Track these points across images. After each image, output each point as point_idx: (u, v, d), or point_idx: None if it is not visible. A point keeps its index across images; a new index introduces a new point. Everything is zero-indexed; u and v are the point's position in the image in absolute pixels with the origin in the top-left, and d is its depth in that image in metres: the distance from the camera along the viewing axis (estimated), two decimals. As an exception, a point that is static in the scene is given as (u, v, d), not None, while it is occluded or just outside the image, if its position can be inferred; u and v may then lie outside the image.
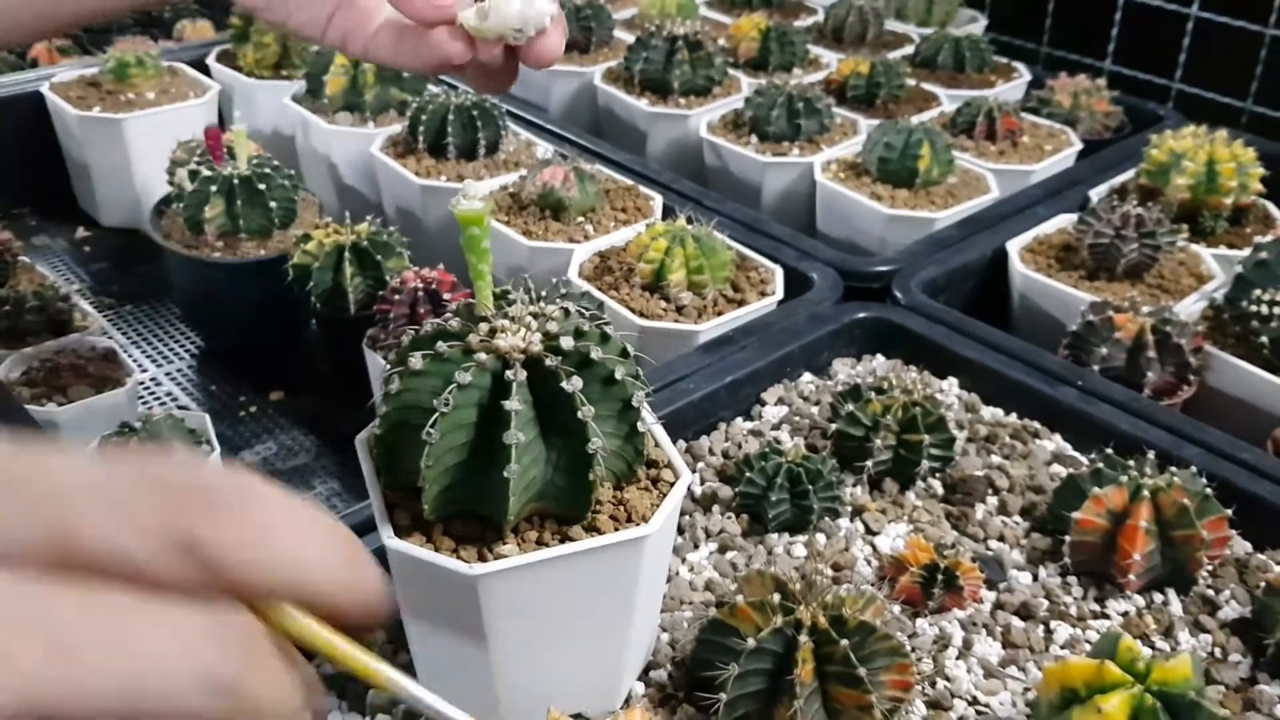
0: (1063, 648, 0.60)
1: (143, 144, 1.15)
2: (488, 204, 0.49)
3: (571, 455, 0.49)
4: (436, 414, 0.47)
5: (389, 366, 0.51)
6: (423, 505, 0.49)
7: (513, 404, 0.47)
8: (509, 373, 0.48)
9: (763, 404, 0.80)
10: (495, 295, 0.51)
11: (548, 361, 0.48)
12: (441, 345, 0.49)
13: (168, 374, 0.99)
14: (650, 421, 0.53)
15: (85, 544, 0.20)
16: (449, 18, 0.48)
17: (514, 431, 0.47)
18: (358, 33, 0.51)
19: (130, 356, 0.89)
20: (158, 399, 0.96)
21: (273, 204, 0.96)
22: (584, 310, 0.52)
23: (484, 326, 0.50)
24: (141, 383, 0.87)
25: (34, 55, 1.38)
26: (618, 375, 0.49)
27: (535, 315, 0.50)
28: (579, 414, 0.48)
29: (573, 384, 0.47)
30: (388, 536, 0.49)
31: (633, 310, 0.85)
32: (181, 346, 1.04)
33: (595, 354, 0.49)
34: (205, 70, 1.27)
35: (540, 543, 0.50)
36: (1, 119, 1.22)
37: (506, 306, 0.51)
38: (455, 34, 0.49)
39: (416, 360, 0.48)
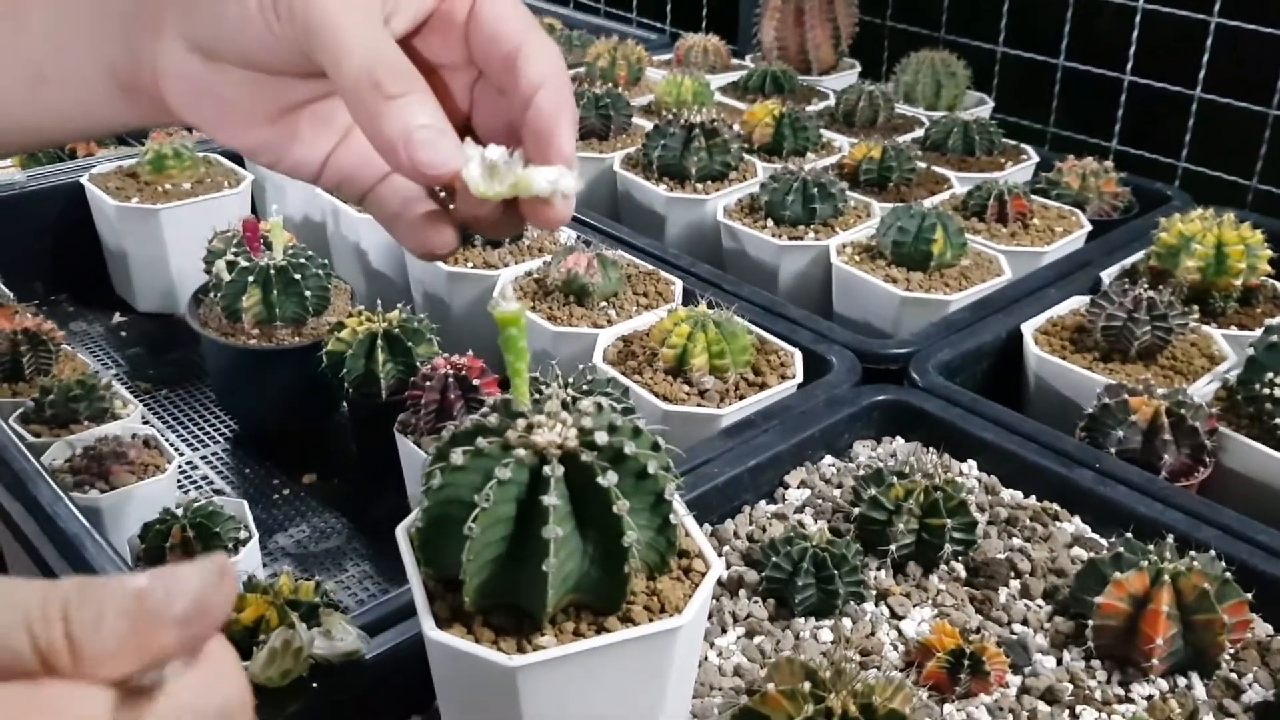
0: (1089, 732, 0.61)
1: (179, 233, 1.19)
2: (524, 304, 0.51)
3: (607, 548, 0.50)
4: (477, 509, 0.49)
5: (430, 461, 0.53)
6: (464, 597, 0.51)
7: (551, 499, 0.49)
8: (546, 468, 0.50)
9: (785, 487, 0.82)
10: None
11: (583, 456, 0.50)
12: (481, 441, 0.51)
13: (203, 458, 1.02)
14: (681, 513, 0.55)
15: None
16: (443, 180, 0.40)
17: (552, 526, 0.48)
18: (355, 182, 0.46)
19: (166, 440, 0.91)
20: (194, 483, 0.98)
21: (307, 292, 0.99)
22: (615, 405, 0.55)
23: (521, 422, 0.52)
24: (179, 466, 0.89)
25: (72, 146, 1.43)
26: (650, 469, 0.51)
27: (569, 409, 0.52)
28: (614, 508, 0.49)
29: (608, 479, 0.49)
30: (429, 628, 0.50)
31: (656, 395, 0.87)
32: (216, 430, 1.06)
33: (629, 449, 0.51)
34: (239, 159, 1.32)
35: (577, 634, 0.51)
36: (42, 208, 1.26)
37: (541, 399, 0.53)
38: (444, 220, 0.44)
39: (458, 456, 0.50)
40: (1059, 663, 0.66)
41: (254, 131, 0.45)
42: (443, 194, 0.46)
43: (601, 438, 0.50)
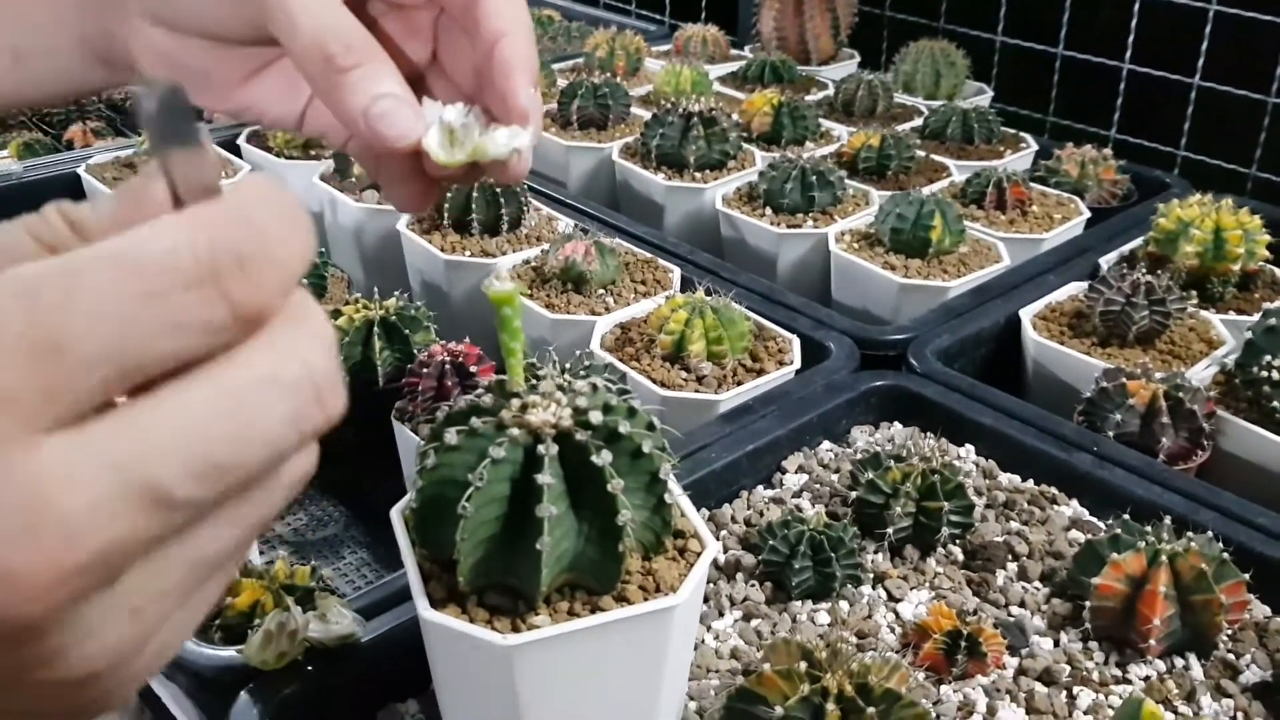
0: (1085, 713, 0.61)
1: (176, 223, 1.18)
2: (519, 285, 0.51)
3: (601, 527, 0.50)
4: (471, 488, 0.49)
5: (424, 442, 0.53)
6: (458, 577, 0.50)
7: (545, 478, 0.49)
8: (540, 447, 0.49)
9: (783, 472, 0.82)
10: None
11: (578, 436, 0.50)
12: (475, 421, 0.51)
13: (200, 447, 1.02)
14: (677, 493, 0.55)
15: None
16: (404, 149, 0.41)
17: (546, 505, 0.48)
18: (333, 134, 0.47)
19: (164, 430, 0.91)
20: (190, 472, 0.98)
21: (304, 280, 0.99)
22: (610, 385, 0.54)
23: (515, 402, 0.52)
24: (175, 456, 0.89)
25: (69, 138, 1.43)
26: (645, 448, 0.51)
27: (564, 390, 0.52)
28: (609, 487, 0.49)
29: (602, 458, 0.49)
30: (424, 609, 0.50)
31: (654, 381, 0.87)
32: (213, 419, 1.06)
33: (623, 428, 0.50)
34: (237, 150, 1.32)
35: (572, 613, 0.51)
36: (39, 199, 1.25)
37: (536, 381, 0.53)
38: (418, 177, 0.44)
39: (452, 436, 0.50)
40: (1056, 644, 0.66)
41: (231, 96, 0.46)
42: None
43: (596, 417, 0.50)
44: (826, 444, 0.85)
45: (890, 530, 0.72)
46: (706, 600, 0.68)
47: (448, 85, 0.48)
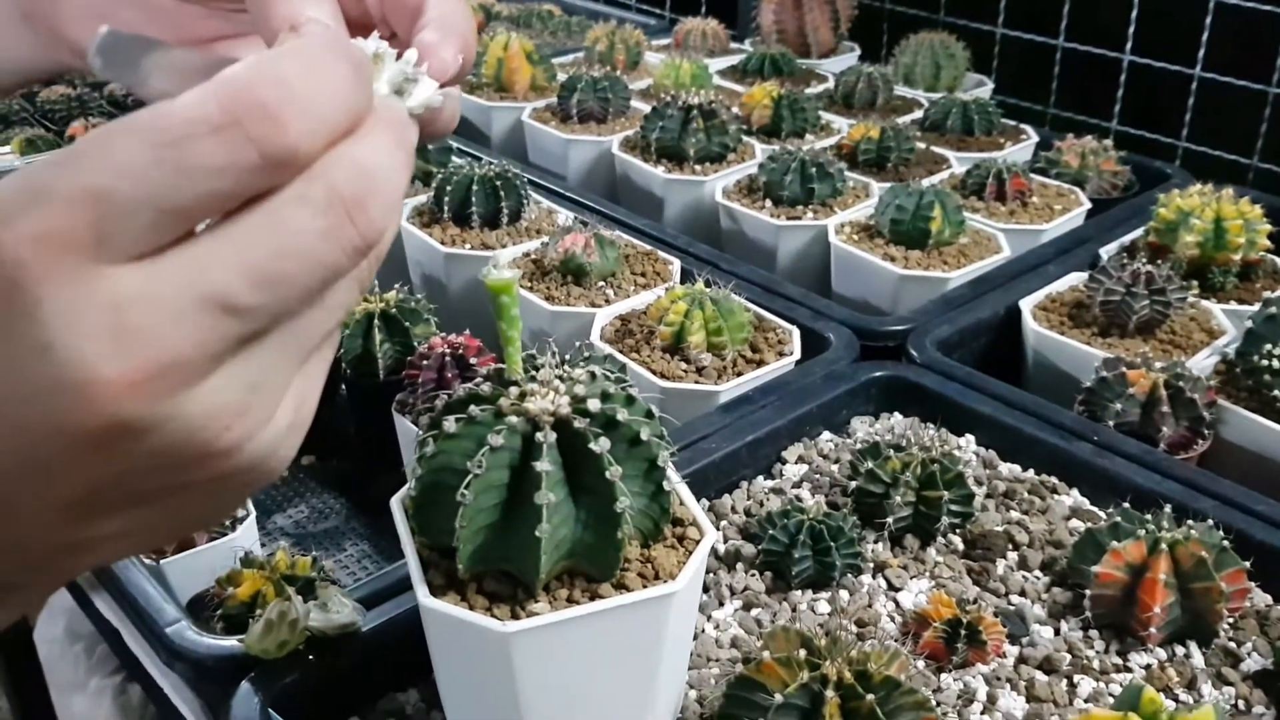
0: (1086, 701, 0.61)
1: (176, 217, 1.18)
2: (516, 273, 0.51)
3: (600, 514, 0.50)
4: (470, 475, 0.49)
5: (423, 430, 0.53)
6: (457, 564, 0.50)
7: (543, 465, 0.49)
8: (539, 435, 0.49)
9: (783, 462, 0.82)
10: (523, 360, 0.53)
11: (576, 423, 0.50)
12: (474, 409, 0.51)
13: (200, 440, 1.02)
14: (675, 480, 0.55)
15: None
16: None
17: (545, 492, 0.48)
18: None
19: (165, 423, 0.91)
20: (191, 465, 0.98)
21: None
22: (609, 374, 0.54)
23: (514, 390, 0.52)
24: (176, 449, 0.89)
25: (72, 134, 1.43)
26: (643, 436, 0.51)
27: (563, 379, 0.52)
28: (607, 474, 0.49)
29: (600, 445, 0.49)
30: (423, 596, 0.50)
31: (654, 372, 0.87)
32: (214, 413, 1.06)
33: (621, 415, 0.51)
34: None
35: (571, 600, 0.51)
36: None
37: (535, 371, 0.53)
38: None
39: (450, 424, 0.50)
40: (1057, 633, 0.66)
41: None
42: None
43: (594, 405, 0.50)
44: (826, 434, 0.85)
45: (890, 520, 0.72)
46: (706, 590, 0.68)
47: None
